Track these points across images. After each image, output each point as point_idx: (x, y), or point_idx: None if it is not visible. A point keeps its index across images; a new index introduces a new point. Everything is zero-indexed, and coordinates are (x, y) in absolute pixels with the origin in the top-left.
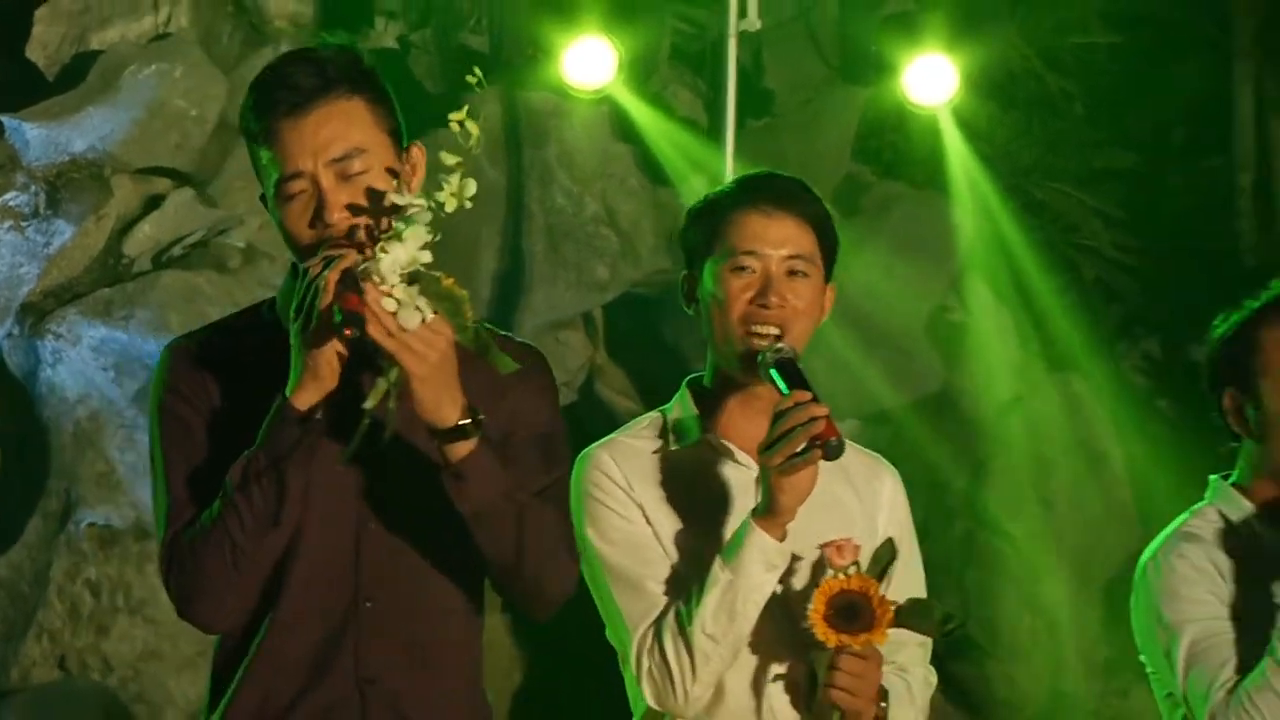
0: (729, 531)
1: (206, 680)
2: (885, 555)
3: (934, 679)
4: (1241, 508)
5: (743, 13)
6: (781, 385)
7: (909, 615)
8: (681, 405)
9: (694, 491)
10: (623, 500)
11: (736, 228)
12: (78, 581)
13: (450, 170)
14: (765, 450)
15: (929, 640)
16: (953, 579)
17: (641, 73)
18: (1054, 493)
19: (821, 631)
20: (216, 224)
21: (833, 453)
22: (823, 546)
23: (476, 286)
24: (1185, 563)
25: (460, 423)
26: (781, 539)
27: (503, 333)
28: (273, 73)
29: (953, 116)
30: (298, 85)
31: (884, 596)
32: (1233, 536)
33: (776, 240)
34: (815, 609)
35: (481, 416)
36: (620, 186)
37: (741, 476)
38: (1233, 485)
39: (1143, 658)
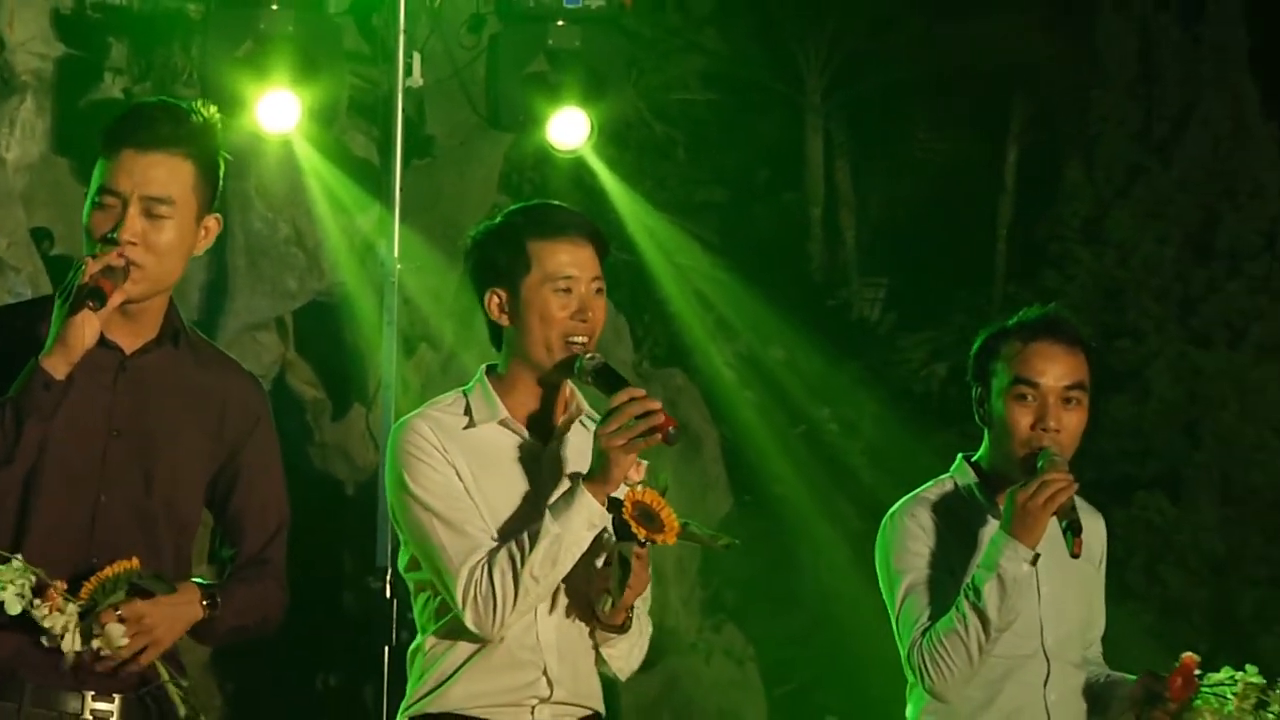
0: (519, 494)
1: None
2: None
3: (650, 630)
4: (970, 480)
5: (408, 72)
6: (606, 386)
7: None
8: (482, 389)
9: (494, 461)
10: (439, 460)
11: (553, 257)
12: None
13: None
14: (610, 432)
15: (648, 599)
16: None
17: (324, 120)
18: (659, 466)
19: (635, 527)
20: None
21: (673, 439)
22: None
23: (188, 294)
24: (914, 522)
25: (205, 617)
26: (604, 504)
27: (247, 369)
28: (140, 110)
29: (596, 159)
30: (152, 128)
31: (669, 509)
32: (958, 503)
33: (585, 265)
34: (626, 510)
35: (218, 598)
36: (307, 214)
37: (528, 451)
38: (971, 462)
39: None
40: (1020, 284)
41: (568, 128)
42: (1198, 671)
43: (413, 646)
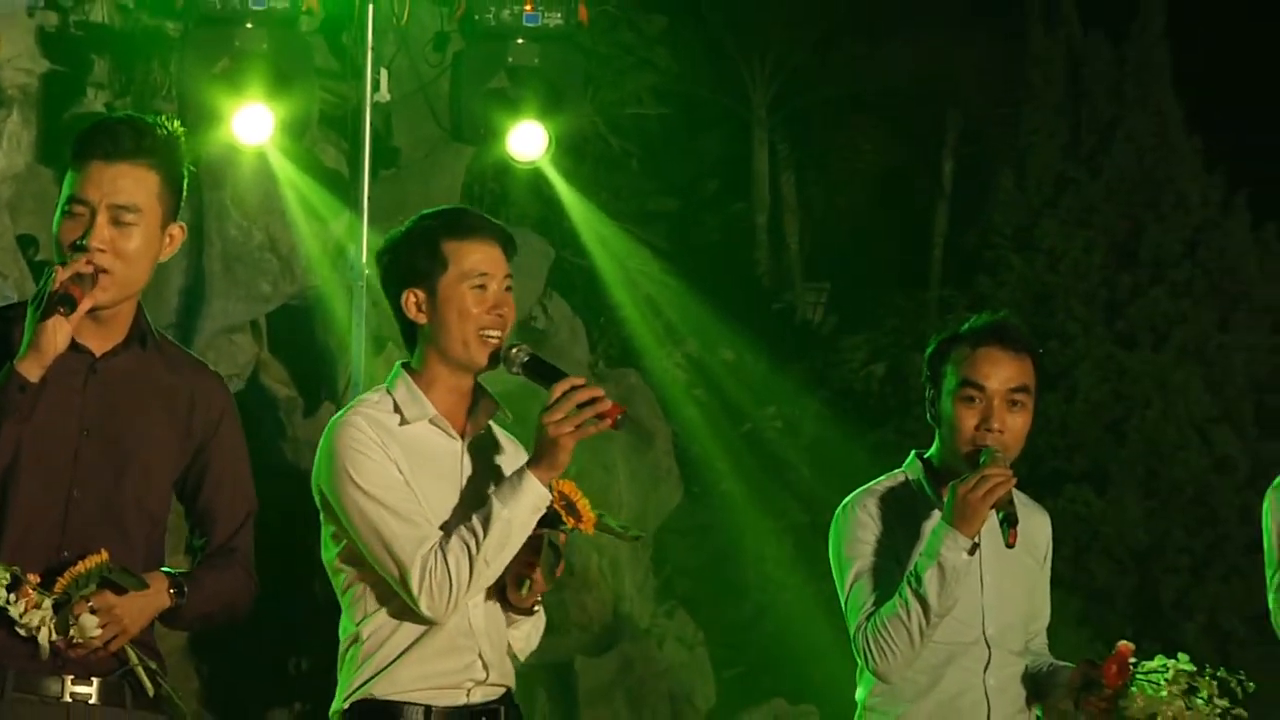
0: (449, 490)
1: None
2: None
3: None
4: (920, 475)
5: (376, 87)
6: (539, 376)
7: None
8: (407, 387)
9: (427, 458)
10: (380, 454)
11: (469, 256)
12: None
13: None
14: (557, 420)
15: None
16: None
17: (296, 132)
18: (614, 461)
19: (564, 516)
20: None
21: (621, 425)
22: None
23: (167, 298)
24: (865, 513)
25: (172, 605)
26: (548, 489)
27: (213, 369)
28: (107, 124)
29: (553, 170)
30: (118, 141)
31: (585, 500)
32: (907, 496)
33: (497, 264)
34: (555, 499)
35: (185, 587)
36: (280, 221)
37: (454, 448)
38: (923, 459)
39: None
40: (956, 288)
41: (527, 140)
42: (1132, 660)
43: (345, 636)
